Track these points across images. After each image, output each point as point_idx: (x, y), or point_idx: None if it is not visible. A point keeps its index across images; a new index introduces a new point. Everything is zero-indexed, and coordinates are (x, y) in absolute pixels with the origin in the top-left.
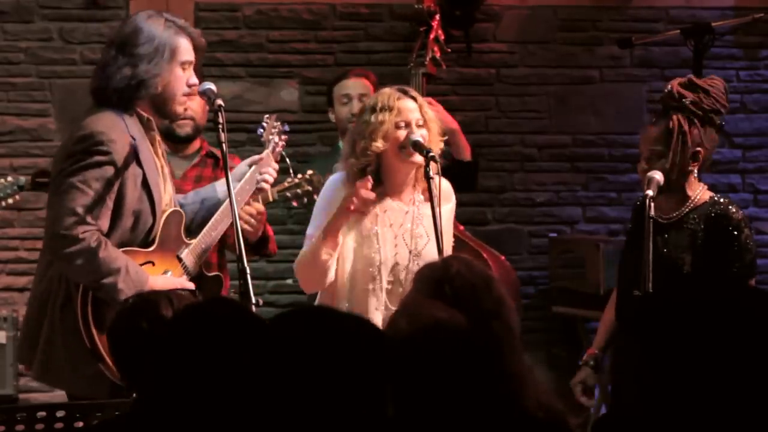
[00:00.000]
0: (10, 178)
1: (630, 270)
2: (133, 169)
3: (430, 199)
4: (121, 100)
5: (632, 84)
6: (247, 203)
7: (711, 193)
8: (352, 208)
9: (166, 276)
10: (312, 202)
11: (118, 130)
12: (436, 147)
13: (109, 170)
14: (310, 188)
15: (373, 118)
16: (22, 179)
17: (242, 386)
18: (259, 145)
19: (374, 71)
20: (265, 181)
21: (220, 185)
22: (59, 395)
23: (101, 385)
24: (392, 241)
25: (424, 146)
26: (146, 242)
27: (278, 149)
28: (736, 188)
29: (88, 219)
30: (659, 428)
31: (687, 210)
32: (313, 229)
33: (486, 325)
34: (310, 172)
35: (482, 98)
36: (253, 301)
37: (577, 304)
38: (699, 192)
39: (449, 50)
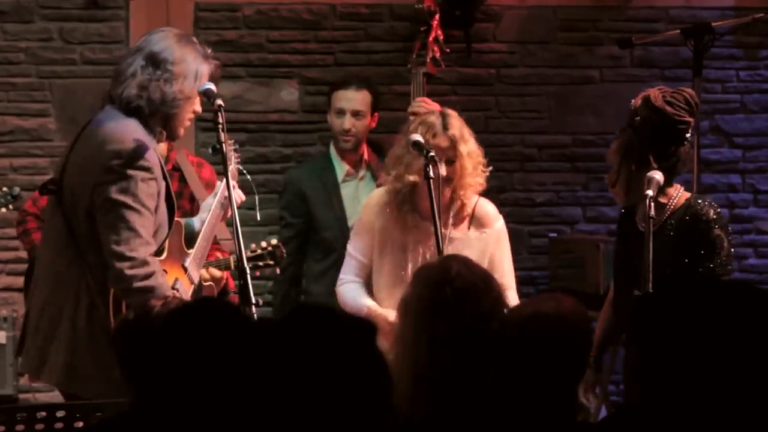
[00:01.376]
0: (5, 188)
1: (619, 271)
2: (161, 181)
3: (430, 199)
4: (151, 113)
5: (632, 84)
6: (206, 268)
7: (688, 195)
8: None
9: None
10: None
11: (148, 142)
12: (470, 182)
13: (153, 185)
14: (272, 262)
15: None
16: (17, 189)
17: (237, 386)
18: (259, 145)
19: (374, 71)
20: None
21: (197, 221)
22: (59, 395)
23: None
24: (418, 259)
25: (423, 146)
26: (158, 251)
27: (236, 166)
28: (736, 188)
29: (148, 239)
30: (661, 427)
31: (665, 218)
32: (352, 248)
33: (485, 326)
34: (273, 242)
35: (482, 98)
36: (253, 301)
37: None
38: (675, 198)
39: (448, 50)
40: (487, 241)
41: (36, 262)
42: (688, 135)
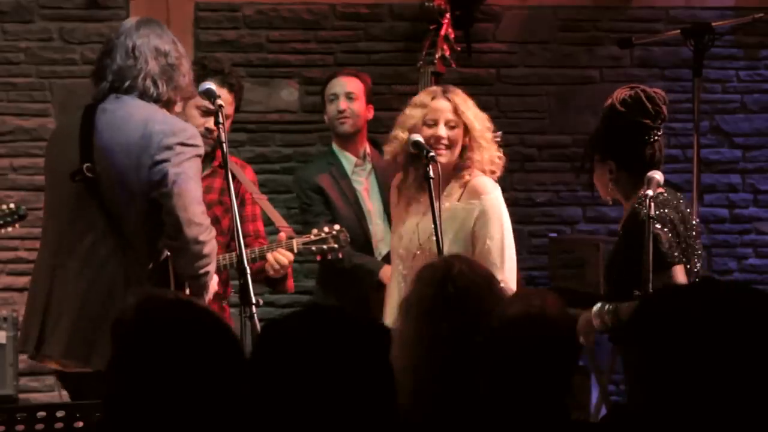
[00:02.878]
0: (12, 205)
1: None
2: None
3: (430, 199)
4: (173, 100)
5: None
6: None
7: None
8: None
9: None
10: (337, 259)
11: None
12: (483, 146)
13: (200, 163)
14: (336, 245)
15: (407, 111)
16: (23, 208)
17: (240, 387)
18: (259, 145)
19: (374, 71)
20: None
21: None
22: (59, 395)
23: None
24: (412, 231)
25: (424, 146)
26: None
27: None
28: (736, 188)
29: (205, 209)
30: (661, 427)
31: (626, 216)
32: None
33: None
34: (336, 227)
35: (482, 98)
36: (253, 300)
37: (577, 304)
38: (639, 199)
39: (459, 48)
40: (471, 213)
41: (52, 251)
42: (648, 137)
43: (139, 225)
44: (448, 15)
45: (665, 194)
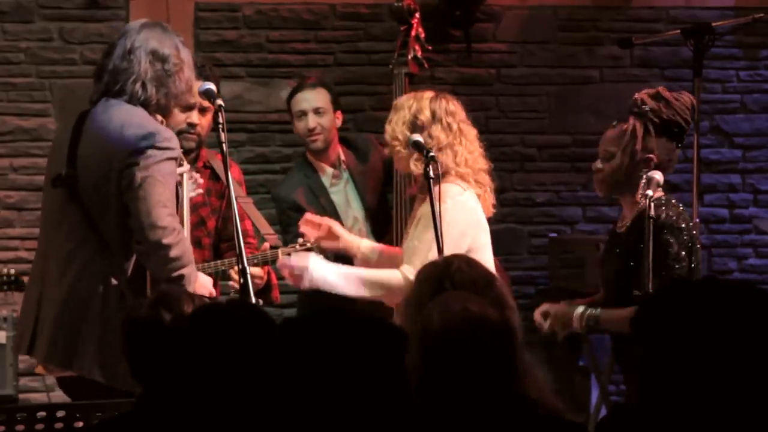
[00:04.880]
0: (12, 271)
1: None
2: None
3: (430, 199)
4: (166, 105)
5: (632, 84)
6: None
7: (661, 194)
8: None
9: (203, 275)
10: None
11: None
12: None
13: (174, 165)
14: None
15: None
16: (21, 279)
17: (258, 386)
18: (259, 145)
19: (374, 71)
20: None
21: None
22: (59, 395)
23: None
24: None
25: (423, 146)
26: None
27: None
28: (736, 188)
29: (173, 210)
30: (661, 427)
31: (635, 217)
32: None
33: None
34: None
35: (482, 98)
36: (253, 300)
37: None
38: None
39: (430, 47)
40: (422, 218)
41: (42, 256)
42: (684, 137)
43: (116, 230)
44: (417, 15)
45: (672, 199)
